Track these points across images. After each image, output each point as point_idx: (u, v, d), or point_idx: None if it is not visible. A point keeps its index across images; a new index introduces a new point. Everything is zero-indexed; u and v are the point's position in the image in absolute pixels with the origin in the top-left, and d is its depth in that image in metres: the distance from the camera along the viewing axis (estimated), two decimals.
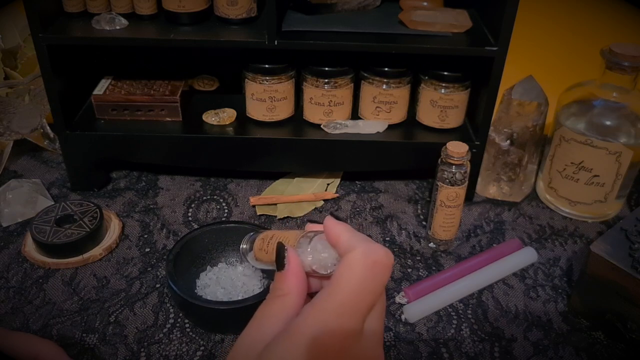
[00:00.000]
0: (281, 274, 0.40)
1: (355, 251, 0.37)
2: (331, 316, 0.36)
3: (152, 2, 0.77)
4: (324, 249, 0.41)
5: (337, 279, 0.37)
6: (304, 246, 0.41)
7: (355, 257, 0.37)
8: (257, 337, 0.38)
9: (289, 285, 0.40)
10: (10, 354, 0.54)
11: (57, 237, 0.73)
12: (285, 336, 0.37)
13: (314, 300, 0.37)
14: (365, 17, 0.80)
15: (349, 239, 0.39)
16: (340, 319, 0.36)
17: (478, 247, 0.78)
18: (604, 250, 0.63)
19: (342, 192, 0.88)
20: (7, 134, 0.88)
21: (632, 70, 0.74)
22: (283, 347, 0.36)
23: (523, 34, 0.89)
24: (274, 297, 0.40)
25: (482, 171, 0.85)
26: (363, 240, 0.38)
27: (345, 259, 0.38)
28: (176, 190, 0.88)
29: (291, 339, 0.36)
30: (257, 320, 0.40)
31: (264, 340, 0.37)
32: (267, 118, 0.83)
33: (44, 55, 0.74)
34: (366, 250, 0.37)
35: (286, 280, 0.40)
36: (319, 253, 0.41)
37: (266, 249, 0.45)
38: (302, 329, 0.36)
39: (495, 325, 0.67)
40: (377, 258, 0.37)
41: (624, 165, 0.77)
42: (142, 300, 0.69)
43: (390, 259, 0.38)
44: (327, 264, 0.41)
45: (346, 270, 0.37)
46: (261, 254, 0.46)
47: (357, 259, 0.37)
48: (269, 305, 0.40)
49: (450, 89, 0.80)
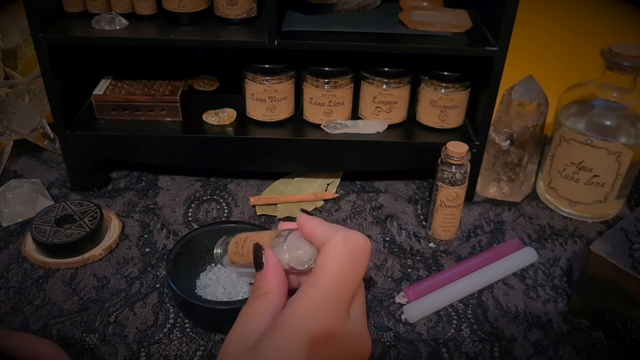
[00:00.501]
0: (261, 274, 0.41)
1: (335, 239, 0.38)
2: (319, 304, 0.37)
3: (152, 2, 0.77)
4: (299, 245, 0.42)
5: (320, 267, 0.38)
6: (280, 245, 0.42)
7: (335, 245, 0.38)
8: (243, 335, 0.39)
9: (269, 284, 0.41)
10: (10, 354, 0.54)
11: (57, 237, 0.73)
12: (275, 329, 0.37)
13: (300, 292, 0.38)
14: (365, 17, 0.80)
15: (325, 230, 0.40)
16: (327, 305, 0.37)
17: (478, 247, 0.78)
18: (604, 250, 0.63)
19: (342, 192, 0.88)
20: (7, 134, 0.88)
21: (632, 70, 0.74)
22: (274, 339, 0.37)
23: (523, 34, 0.89)
24: (256, 296, 0.41)
25: (482, 171, 0.85)
26: (340, 229, 0.39)
27: (325, 248, 0.38)
28: (176, 190, 0.88)
29: (282, 330, 0.37)
30: (242, 319, 0.40)
31: (251, 337, 0.38)
32: (267, 118, 0.83)
33: (44, 55, 0.74)
34: (345, 236, 0.38)
35: (266, 279, 0.41)
36: (294, 250, 0.42)
37: (241, 252, 0.46)
38: (292, 319, 0.37)
39: (495, 325, 0.67)
40: (356, 243, 0.38)
41: (624, 165, 0.77)
42: (142, 300, 0.69)
43: (368, 244, 0.39)
44: (304, 259, 0.41)
45: (327, 258, 0.38)
46: (236, 257, 0.47)
47: (337, 246, 0.38)
48: (252, 304, 0.41)
49: (450, 89, 0.80)
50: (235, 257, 0.47)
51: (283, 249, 0.42)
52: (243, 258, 0.46)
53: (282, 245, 0.42)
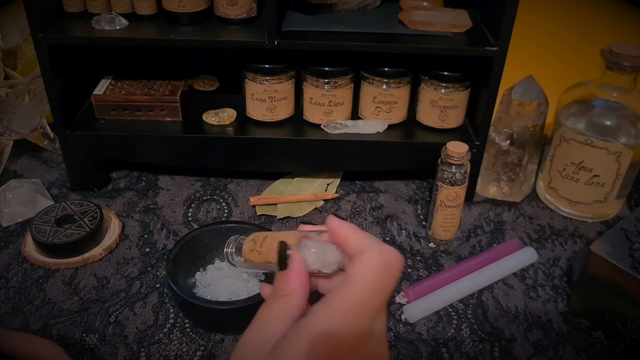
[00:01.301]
0: (284, 274, 0.40)
1: (370, 252, 0.38)
2: (346, 315, 0.36)
3: (152, 2, 0.77)
4: (327, 249, 0.41)
5: (352, 278, 0.37)
6: (307, 246, 0.41)
7: (370, 259, 0.37)
8: (261, 338, 0.38)
9: (292, 285, 0.40)
10: (10, 354, 0.54)
11: (57, 237, 0.73)
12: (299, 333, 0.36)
13: (328, 299, 0.37)
14: (365, 17, 0.80)
15: (359, 239, 0.39)
16: (355, 316, 0.36)
17: (478, 247, 0.78)
18: (604, 250, 0.63)
19: (342, 192, 0.88)
20: (7, 134, 0.88)
21: (632, 70, 0.74)
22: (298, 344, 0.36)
23: (523, 34, 0.89)
24: (277, 297, 0.40)
25: (482, 171, 0.85)
26: (375, 241, 0.39)
27: (360, 259, 0.38)
28: (176, 190, 0.88)
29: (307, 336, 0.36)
30: (260, 320, 0.39)
31: (269, 341, 0.37)
32: (267, 118, 0.83)
33: (44, 55, 0.74)
34: (380, 251, 0.38)
35: (290, 280, 0.40)
36: (321, 253, 0.41)
37: (259, 249, 0.45)
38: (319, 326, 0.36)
39: (495, 325, 0.67)
40: (390, 260, 0.38)
41: (624, 165, 0.77)
42: (142, 300, 0.69)
43: (401, 261, 0.38)
44: (330, 263, 0.41)
45: (361, 269, 0.37)
46: (252, 255, 0.45)
47: (372, 259, 0.37)
48: (272, 305, 0.40)
49: (450, 89, 0.80)
50: (251, 254, 0.46)
51: (310, 251, 0.41)
52: (261, 256, 0.45)
53: (310, 248, 0.41)
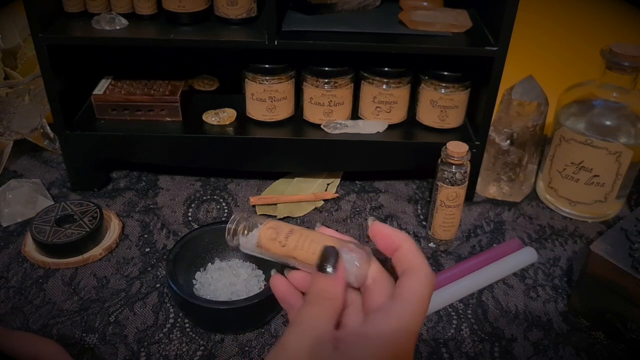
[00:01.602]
0: (331, 278, 0.41)
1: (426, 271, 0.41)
2: (410, 320, 0.39)
3: (152, 2, 0.77)
4: (364, 262, 0.42)
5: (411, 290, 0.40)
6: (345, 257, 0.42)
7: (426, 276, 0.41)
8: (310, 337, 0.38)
9: (339, 290, 0.41)
10: (10, 354, 0.54)
11: (57, 237, 0.73)
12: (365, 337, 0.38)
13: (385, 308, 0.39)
14: (365, 17, 0.80)
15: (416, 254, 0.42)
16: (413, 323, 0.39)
17: (478, 247, 0.78)
18: (604, 250, 0.63)
19: (342, 192, 0.88)
20: (7, 134, 0.88)
21: (632, 70, 0.74)
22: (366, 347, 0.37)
23: (523, 34, 0.89)
24: (322, 298, 0.40)
25: (482, 171, 0.85)
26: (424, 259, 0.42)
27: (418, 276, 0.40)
28: (176, 190, 0.88)
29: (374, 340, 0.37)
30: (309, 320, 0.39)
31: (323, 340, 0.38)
32: (267, 118, 0.83)
33: (44, 55, 0.74)
34: (430, 271, 0.41)
35: (336, 285, 0.41)
36: (359, 267, 0.41)
37: (284, 242, 0.44)
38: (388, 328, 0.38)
39: (495, 325, 0.67)
40: (434, 280, 0.41)
41: (624, 165, 0.77)
42: (142, 300, 0.69)
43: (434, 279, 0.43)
44: (360, 278, 0.42)
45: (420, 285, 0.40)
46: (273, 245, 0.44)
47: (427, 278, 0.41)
48: (319, 306, 0.40)
49: (450, 89, 0.80)
50: (271, 244, 0.44)
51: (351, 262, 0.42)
52: (284, 249, 0.44)
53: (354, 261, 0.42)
